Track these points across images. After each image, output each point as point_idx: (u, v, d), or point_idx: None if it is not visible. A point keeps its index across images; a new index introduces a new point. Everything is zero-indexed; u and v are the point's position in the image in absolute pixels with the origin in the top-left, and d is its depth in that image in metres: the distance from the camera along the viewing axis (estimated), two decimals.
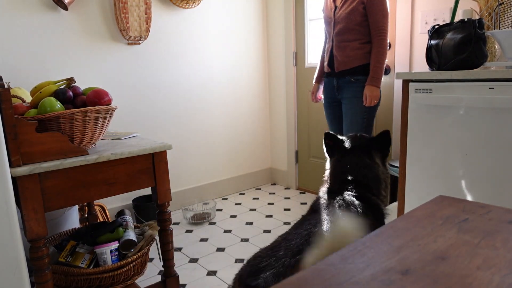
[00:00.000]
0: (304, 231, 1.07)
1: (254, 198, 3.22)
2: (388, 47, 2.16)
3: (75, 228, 1.85)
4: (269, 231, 2.54)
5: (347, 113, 2.29)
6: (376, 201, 1.28)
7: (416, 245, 0.58)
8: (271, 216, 2.80)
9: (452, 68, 1.65)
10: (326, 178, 1.41)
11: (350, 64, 2.22)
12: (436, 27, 1.76)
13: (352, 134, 1.50)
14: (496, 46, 1.87)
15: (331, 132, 1.47)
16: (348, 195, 1.24)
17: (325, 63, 2.38)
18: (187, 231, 2.60)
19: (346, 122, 2.31)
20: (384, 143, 1.42)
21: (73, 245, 1.56)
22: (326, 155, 1.47)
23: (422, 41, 2.37)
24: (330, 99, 2.41)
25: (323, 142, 1.46)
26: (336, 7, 2.28)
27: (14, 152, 1.18)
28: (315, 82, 2.54)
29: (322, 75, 2.49)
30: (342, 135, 1.58)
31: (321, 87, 2.50)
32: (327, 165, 1.45)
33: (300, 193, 3.32)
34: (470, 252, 0.55)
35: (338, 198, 1.23)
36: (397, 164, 2.22)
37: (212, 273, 2.04)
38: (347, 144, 1.42)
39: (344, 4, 2.21)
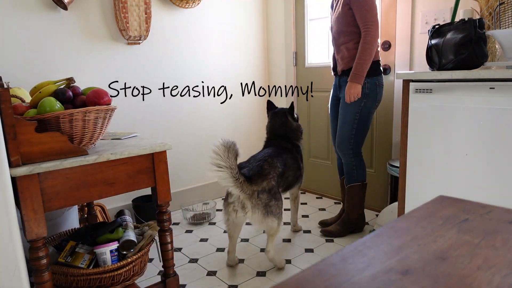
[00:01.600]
0: (260, 154, 2.13)
1: None
2: (375, 41, 2.11)
3: (74, 228, 1.85)
4: None
5: (341, 112, 2.30)
6: (295, 142, 2.35)
7: (416, 245, 0.57)
8: None
9: (453, 68, 1.64)
10: (266, 131, 2.42)
11: (348, 64, 2.22)
12: (437, 27, 1.76)
13: (279, 108, 2.43)
14: (497, 46, 1.87)
15: (270, 100, 2.48)
16: (279, 140, 2.32)
17: (332, 65, 2.41)
18: (187, 231, 2.60)
19: (339, 123, 2.31)
20: (291, 110, 2.37)
21: (73, 246, 1.56)
22: (267, 115, 2.45)
23: (422, 41, 2.37)
24: (333, 98, 2.44)
25: (266, 106, 2.58)
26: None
27: (14, 152, 1.18)
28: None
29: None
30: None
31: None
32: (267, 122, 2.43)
33: (300, 193, 3.31)
34: (470, 252, 0.54)
35: (275, 141, 2.32)
36: (398, 164, 2.22)
37: (212, 273, 2.04)
38: (275, 110, 2.42)
39: (336, 8, 2.24)
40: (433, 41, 1.75)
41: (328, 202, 3.10)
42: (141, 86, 2.72)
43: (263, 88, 3.49)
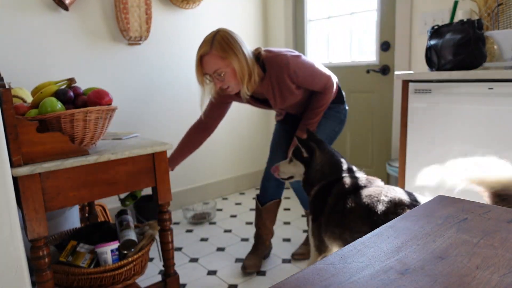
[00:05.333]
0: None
1: (254, 198, 3.22)
2: (332, 95, 1.94)
3: (75, 228, 1.85)
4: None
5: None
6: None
7: (416, 244, 0.58)
8: None
9: (451, 69, 1.65)
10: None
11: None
12: (435, 27, 1.76)
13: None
14: (495, 47, 1.88)
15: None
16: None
17: (278, 117, 2.22)
18: (187, 231, 2.61)
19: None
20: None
21: (74, 245, 1.56)
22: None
23: (421, 42, 2.38)
24: (286, 126, 2.17)
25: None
26: (260, 99, 2.01)
27: (15, 152, 1.19)
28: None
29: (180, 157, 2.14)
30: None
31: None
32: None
33: None
34: (469, 251, 0.55)
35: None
36: (397, 164, 2.23)
37: (212, 272, 2.05)
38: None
39: (280, 95, 1.89)
40: (432, 42, 1.75)
41: None
42: (142, 86, 2.73)
43: None
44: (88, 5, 2.42)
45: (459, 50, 1.61)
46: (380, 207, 1.31)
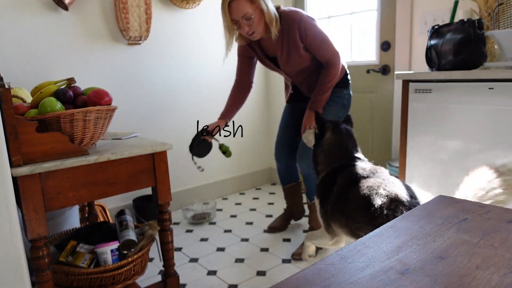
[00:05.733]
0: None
1: (254, 198, 3.22)
2: (338, 72, 2.03)
3: (75, 228, 1.85)
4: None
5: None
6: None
7: (416, 244, 0.58)
8: (271, 216, 2.80)
9: (452, 68, 1.65)
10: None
11: None
12: (436, 27, 1.76)
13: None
14: (496, 47, 1.87)
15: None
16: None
17: (286, 94, 2.33)
18: (187, 231, 2.61)
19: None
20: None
21: (74, 245, 1.56)
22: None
23: (421, 42, 2.37)
24: (294, 111, 2.30)
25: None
26: (272, 57, 2.11)
27: (15, 152, 1.19)
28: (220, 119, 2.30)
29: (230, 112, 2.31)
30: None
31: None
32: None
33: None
34: (469, 251, 0.55)
35: None
36: (397, 164, 2.23)
37: (212, 272, 2.04)
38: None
39: (287, 54, 1.99)
40: (433, 42, 1.75)
41: None
42: (142, 86, 2.73)
43: (263, 89, 3.49)
44: (88, 5, 2.42)
45: (460, 50, 1.60)
46: (377, 201, 1.34)
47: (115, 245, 1.55)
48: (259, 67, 3.42)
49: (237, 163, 3.39)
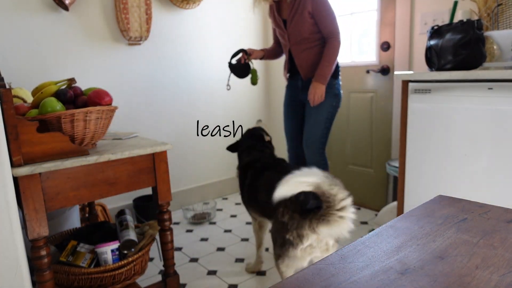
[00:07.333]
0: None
1: None
2: (340, 47, 2.15)
3: (76, 228, 1.85)
4: (269, 231, 2.54)
5: (311, 112, 2.26)
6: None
7: (415, 244, 0.58)
8: None
9: (451, 69, 1.65)
10: None
11: (315, 68, 2.20)
12: (435, 27, 1.77)
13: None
14: (495, 47, 1.88)
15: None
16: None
17: (285, 71, 2.42)
18: (188, 231, 2.61)
19: (310, 121, 2.27)
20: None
21: (74, 245, 1.56)
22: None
23: (421, 42, 2.38)
24: (293, 99, 2.41)
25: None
26: (284, 20, 2.25)
27: (15, 152, 1.19)
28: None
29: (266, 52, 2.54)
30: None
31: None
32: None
33: None
34: (469, 251, 0.55)
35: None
36: (397, 164, 2.23)
37: (212, 272, 2.05)
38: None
39: (293, 16, 2.17)
40: (432, 42, 1.75)
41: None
42: (142, 87, 2.73)
43: (263, 89, 3.49)
44: (88, 5, 2.42)
45: (459, 50, 1.61)
46: (264, 193, 1.65)
47: (115, 245, 1.55)
48: (259, 67, 3.43)
49: (237, 163, 3.39)
